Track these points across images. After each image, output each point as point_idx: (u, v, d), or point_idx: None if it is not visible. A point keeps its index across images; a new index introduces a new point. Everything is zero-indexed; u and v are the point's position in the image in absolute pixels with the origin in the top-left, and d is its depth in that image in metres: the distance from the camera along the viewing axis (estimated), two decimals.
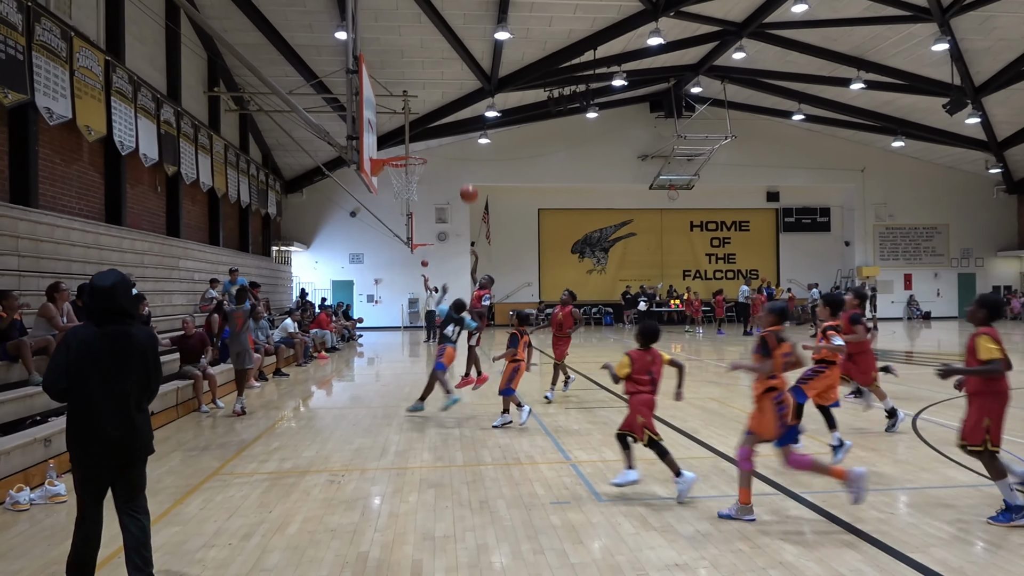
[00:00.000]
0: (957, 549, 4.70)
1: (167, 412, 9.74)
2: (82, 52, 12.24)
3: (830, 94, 26.96)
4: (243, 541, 5.08)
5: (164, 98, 16.04)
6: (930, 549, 4.69)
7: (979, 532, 5.01)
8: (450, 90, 24.13)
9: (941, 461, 6.97)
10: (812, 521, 5.30)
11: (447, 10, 18.99)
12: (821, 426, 7.37)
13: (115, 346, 4.01)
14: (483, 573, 4.47)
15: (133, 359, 4.04)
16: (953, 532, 5.00)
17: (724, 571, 4.41)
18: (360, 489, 6.35)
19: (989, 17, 20.14)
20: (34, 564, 4.73)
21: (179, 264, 16.14)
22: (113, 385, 3.97)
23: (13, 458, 6.32)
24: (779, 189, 33.01)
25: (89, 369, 3.95)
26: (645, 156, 30.63)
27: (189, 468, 7.20)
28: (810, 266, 32.89)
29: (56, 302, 8.87)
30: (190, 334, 10.93)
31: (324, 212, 29.65)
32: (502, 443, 8.07)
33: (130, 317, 4.14)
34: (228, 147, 20.59)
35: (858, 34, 21.86)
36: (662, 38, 19.87)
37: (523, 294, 32.11)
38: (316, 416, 10.34)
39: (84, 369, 3.94)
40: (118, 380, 3.99)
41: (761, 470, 6.67)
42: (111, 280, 4.05)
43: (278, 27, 19.22)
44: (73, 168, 12.97)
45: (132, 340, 4.06)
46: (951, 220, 33.02)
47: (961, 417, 5.40)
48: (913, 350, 18.48)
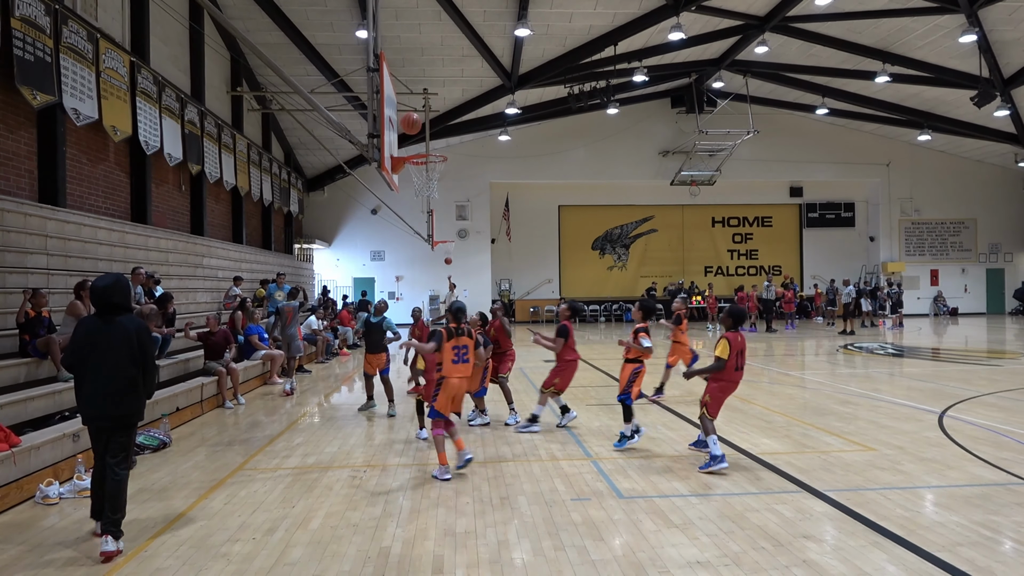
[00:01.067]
0: (985, 549, 4.62)
1: (192, 408, 9.87)
2: (108, 53, 12.41)
3: (855, 88, 26.58)
4: (267, 535, 5.13)
5: (188, 98, 16.22)
6: (957, 548, 4.62)
7: (1008, 532, 4.92)
8: (470, 87, 24.15)
9: (969, 459, 6.86)
10: (836, 520, 5.25)
11: (467, 7, 18.99)
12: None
13: (109, 332, 5.04)
14: (504, 569, 4.48)
15: (122, 342, 5.03)
16: (981, 531, 4.92)
17: (747, 569, 4.38)
18: (382, 484, 6.40)
19: (1019, 7, 19.71)
20: (64, 555, 4.82)
21: (203, 262, 16.33)
22: (106, 362, 4.99)
23: (43, 453, 6.44)
24: (802, 184, 32.64)
25: (89, 350, 5.02)
26: (666, 152, 30.43)
27: (214, 463, 7.29)
28: (834, 262, 32.48)
29: (83, 300, 9.00)
30: (214, 331, 11.08)
31: (345, 210, 29.83)
32: (523, 440, 8.08)
33: (124, 310, 5.17)
34: (251, 146, 20.78)
35: (883, 26, 21.52)
36: (683, 33, 19.71)
37: (544, 291, 32.09)
38: (338, 412, 10.42)
39: (85, 349, 5.03)
40: (109, 358, 5.00)
41: (785, 468, 6.62)
42: (106, 282, 5.14)
43: (300, 26, 19.35)
44: (99, 168, 13.17)
45: (122, 327, 5.07)
46: (979, 214, 32.43)
47: None
48: (940, 347, 18.19)
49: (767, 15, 21.20)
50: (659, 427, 8.62)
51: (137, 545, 4.97)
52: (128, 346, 5.03)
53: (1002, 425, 8.35)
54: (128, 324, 5.10)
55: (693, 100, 28.17)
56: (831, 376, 13.01)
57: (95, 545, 4.95)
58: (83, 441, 7.00)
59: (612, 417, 9.29)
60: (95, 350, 4.99)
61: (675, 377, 11.05)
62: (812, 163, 31.03)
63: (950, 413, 9.14)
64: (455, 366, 6.70)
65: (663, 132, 30.36)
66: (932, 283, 32.45)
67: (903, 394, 10.64)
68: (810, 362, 15.48)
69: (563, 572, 4.41)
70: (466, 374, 6.81)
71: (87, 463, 6.65)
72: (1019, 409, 9.41)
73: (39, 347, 8.16)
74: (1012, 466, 6.55)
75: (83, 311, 8.90)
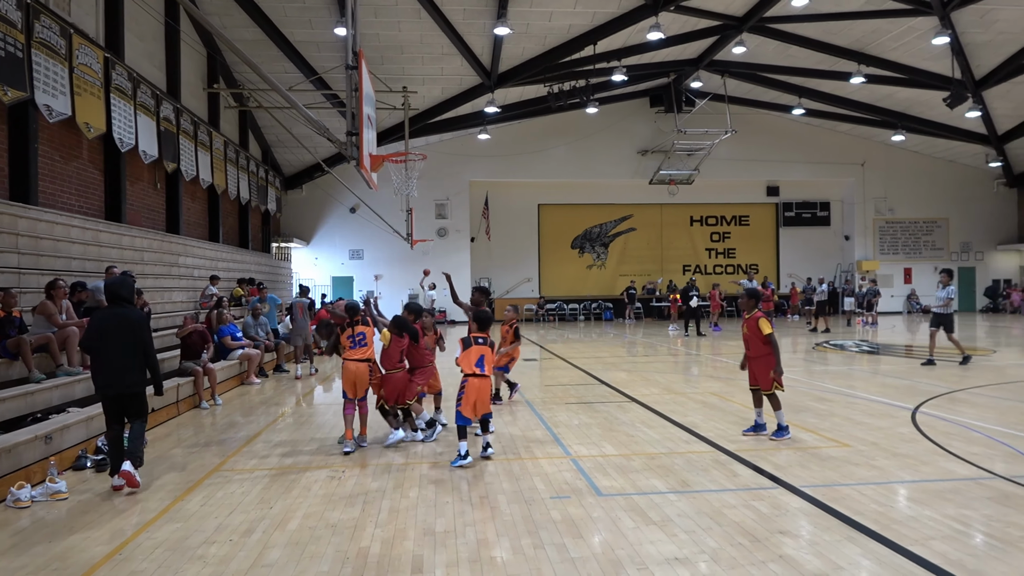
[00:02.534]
0: (956, 542, 4.71)
1: (167, 409, 9.75)
2: (81, 49, 12.23)
3: (830, 88, 26.92)
4: (244, 537, 5.09)
5: (163, 95, 16.02)
6: (930, 542, 4.70)
7: (978, 525, 5.01)
8: (450, 86, 24.10)
9: (941, 454, 6.98)
10: (812, 515, 5.31)
11: (447, 5, 18.95)
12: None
13: (117, 321, 6.35)
14: (484, 568, 4.48)
15: (128, 330, 6.34)
16: (953, 525, 5.01)
17: (724, 565, 4.42)
18: (361, 485, 6.37)
19: (990, 11, 20.09)
20: (36, 561, 4.74)
21: (179, 261, 16.15)
22: (115, 346, 6.28)
23: (14, 455, 6.32)
24: (779, 183, 32.99)
25: (100, 336, 6.32)
26: (645, 151, 30.61)
27: (190, 464, 7.21)
28: (810, 260, 32.88)
29: (55, 299, 8.88)
30: (191, 331, 10.95)
31: (324, 208, 29.65)
32: (502, 438, 8.08)
33: (129, 303, 6.54)
34: (228, 144, 20.58)
35: (858, 28, 21.81)
36: (662, 33, 19.84)
37: (523, 289, 32.14)
38: (317, 412, 10.35)
39: (98, 335, 6.33)
40: (117, 343, 6.29)
41: (762, 464, 6.69)
42: (116, 280, 6.68)
43: (277, 23, 19.20)
44: (72, 165, 12.97)
45: (128, 318, 6.40)
46: (951, 214, 33.00)
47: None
48: (913, 344, 18.47)
49: (745, 15, 21.40)
50: (638, 425, 8.67)
51: (112, 548, 4.91)
52: (131, 331, 6.32)
53: (973, 421, 8.50)
54: (131, 314, 6.43)
55: (672, 100, 28.37)
56: (807, 373, 13.16)
57: (69, 548, 4.89)
58: (56, 443, 6.91)
59: (591, 415, 9.33)
60: (105, 335, 6.28)
61: (673, 374, 11.09)
62: (788, 163, 31.39)
63: (923, 409, 9.29)
64: (351, 350, 7.66)
65: (642, 131, 30.53)
66: (905, 281, 32.98)
67: (877, 391, 10.79)
68: (786, 360, 15.64)
69: (542, 570, 4.42)
70: (360, 357, 7.62)
71: (60, 465, 6.57)
72: (989, 405, 9.59)
73: (9, 348, 8.02)
74: (982, 461, 6.67)
75: (54, 311, 8.78)
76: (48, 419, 7.41)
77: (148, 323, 6.64)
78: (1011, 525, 4.98)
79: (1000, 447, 7.23)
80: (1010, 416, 8.80)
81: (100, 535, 5.15)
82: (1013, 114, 26.92)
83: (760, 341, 7.72)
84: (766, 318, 7.77)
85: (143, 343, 6.37)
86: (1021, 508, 5.33)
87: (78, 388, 8.57)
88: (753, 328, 7.77)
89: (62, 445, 7.03)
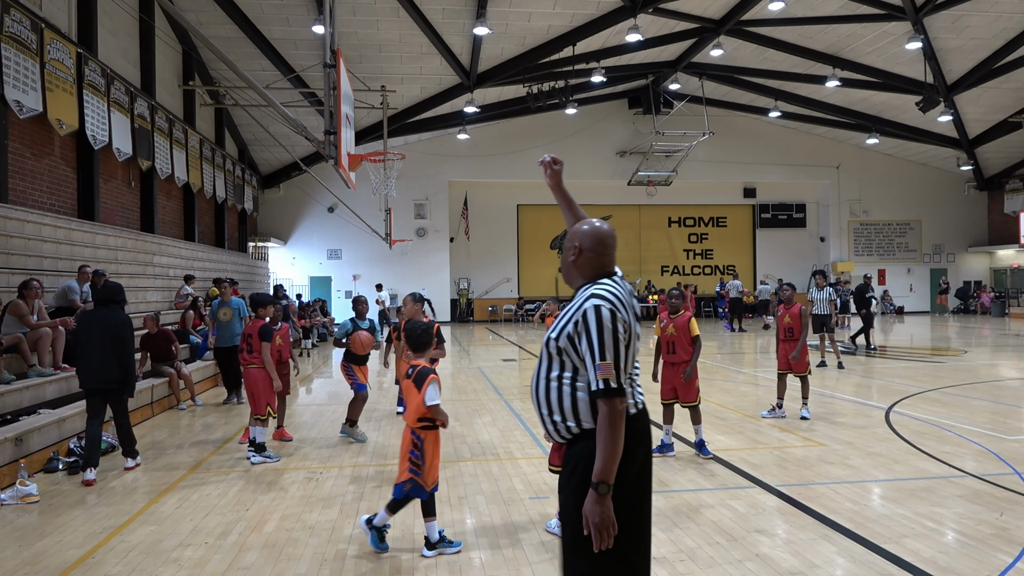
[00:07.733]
0: (929, 540, 4.78)
1: (142, 410, 9.61)
2: (53, 44, 12.02)
3: (806, 91, 27.23)
4: (220, 539, 5.03)
5: (138, 92, 15.79)
6: (903, 540, 4.77)
7: (950, 523, 5.10)
8: (429, 85, 24.03)
9: (914, 453, 7.08)
10: (788, 514, 5.37)
11: (426, 5, 18.89)
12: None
13: (102, 321, 6.77)
14: (462, 569, 4.47)
15: (110, 330, 6.72)
16: (925, 523, 5.09)
17: (701, 564, 4.45)
18: (338, 486, 6.33)
19: (961, 16, 20.46)
20: (6, 565, 4.65)
21: (153, 260, 15.92)
22: (97, 343, 6.65)
23: None
24: (756, 185, 33.29)
25: (86, 333, 6.79)
26: (624, 152, 30.74)
27: (165, 466, 7.12)
28: (786, 262, 33.21)
29: (27, 299, 8.72)
30: (153, 332, 10.45)
31: (302, 208, 29.41)
32: (481, 439, 8.08)
33: (115, 304, 6.93)
34: (204, 142, 20.34)
35: (834, 32, 22.10)
36: (640, 34, 19.93)
37: (502, 290, 32.13)
38: (293, 413, 10.27)
39: (85, 333, 6.81)
40: (99, 341, 6.66)
41: (739, 464, 6.75)
42: (112, 285, 7.05)
43: (254, 20, 19.00)
44: (44, 163, 12.75)
45: (112, 319, 6.79)
46: (923, 216, 33.53)
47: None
48: (887, 344, 18.74)
49: (722, 18, 21.57)
50: None
51: (84, 551, 4.83)
52: (113, 331, 6.71)
53: (944, 420, 8.65)
54: (116, 316, 6.83)
55: (650, 101, 28.51)
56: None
57: (40, 552, 4.81)
58: (26, 445, 6.78)
59: None
60: (88, 333, 6.72)
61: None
62: (765, 165, 31.68)
63: (896, 409, 9.43)
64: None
65: (620, 133, 30.65)
66: (879, 282, 33.42)
67: (852, 391, 10.93)
68: (762, 360, 15.79)
69: (521, 571, 4.42)
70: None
71: (30, 468, 6.46)
72: (960, 404, 9.75)
73: None
74: (953, 459, 6.79)
75: (26, 311, 8.63)
76: (18, 421, 7.28)
77: (130, 325, 6.94)
78: (982, 523, 5.07)
79: (971, 446, 7.35)
80: (980, 415, 8.96)
81: (72, 538, 5.07)
82: (983, 118, 27.43)
83: (687, 342, 7.21)
84: (695, 319, 7.25)
85: (122, 343, 6.71)
86: (991, 506, 5.42)
87: (49, 389, 8.42)
88: (682, 328, 7.24)
89: (32, 447, 6.90)
